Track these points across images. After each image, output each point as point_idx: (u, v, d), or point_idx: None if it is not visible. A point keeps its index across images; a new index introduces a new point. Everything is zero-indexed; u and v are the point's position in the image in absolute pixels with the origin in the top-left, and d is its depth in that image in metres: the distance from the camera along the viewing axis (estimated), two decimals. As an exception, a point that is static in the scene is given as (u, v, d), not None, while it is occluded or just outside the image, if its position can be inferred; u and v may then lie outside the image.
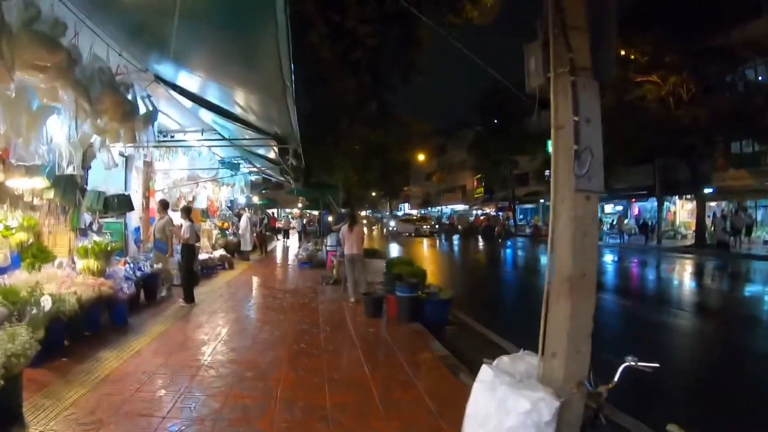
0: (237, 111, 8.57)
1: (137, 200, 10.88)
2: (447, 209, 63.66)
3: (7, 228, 6.45)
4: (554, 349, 2.96)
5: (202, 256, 12.41)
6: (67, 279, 6.27)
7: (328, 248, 14.21)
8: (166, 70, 7.07)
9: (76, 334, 6.05)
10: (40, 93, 4.93)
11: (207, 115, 9.73)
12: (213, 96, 8.17)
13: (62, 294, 5.72)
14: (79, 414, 4.10)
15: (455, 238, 32.51)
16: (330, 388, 4.91)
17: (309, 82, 18.21)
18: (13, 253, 6.60)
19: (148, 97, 7.11)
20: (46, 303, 5.35)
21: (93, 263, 6.93)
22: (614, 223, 34.36)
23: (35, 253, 6.84)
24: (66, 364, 5.28)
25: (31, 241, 6.88)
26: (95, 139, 6.38)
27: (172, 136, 11.01)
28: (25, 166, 6.34)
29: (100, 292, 6.39)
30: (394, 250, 25.50)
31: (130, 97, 6.19)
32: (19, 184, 6.58)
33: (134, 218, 10.82)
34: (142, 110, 6.70)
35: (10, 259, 6.45)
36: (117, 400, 4.43)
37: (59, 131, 5.93)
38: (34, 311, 5.13)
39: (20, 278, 5.88)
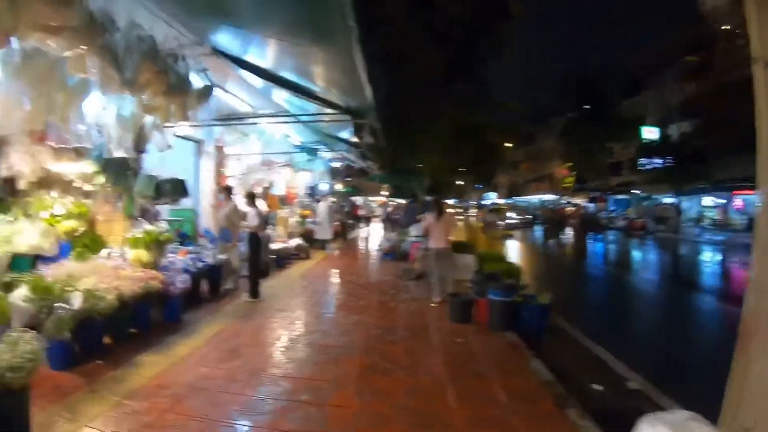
0: (306, 84, 7.78)
1: (207, 186, 10.42)
2: (534, 199, 60.68)
3: (54, 215, 5.97)
4: (749, 421, 1.80)
5: (276, 245, 11.84)
6: (112, 271, 5.70)
7: (412, 239, 13.20)
8: (229, 43, 6.40)
9: (119, 332, 5.56)
10: (69, 63, 4.32)
11: (279, 95, 9.07)
12: (283, 67, 7.42)
13: (98, 290, 5.09)
14: None
15: (544, 229, 30.43)
16: (402, 423, 3.95)
17: (389, 58, 17.07)
18: (63, 241, 6.14)
19: (204, 71, 6.44)
20: (76, 300, 4.74)
21: (143, 254, 6.33)
22: (715, 217, 31.03)
23: (87, 243, 6.35)
24: (99, 368, 4.76)
25: (83, 229, 6.39)
26: (147, 120, 5.79)
27: (243, 119, 10.44)
28: (71, 150, 5.85)
29: (148, 286, 5.76)
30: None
31: (178, 70, 5.50)
32: (65, 168, 6.08)
33: (204, 205, 10.35)
34: (196, 86, 6.01)
35: (58, 248, 5.96)
36: (140, 421, 3.78)
37: (106, 111, 5.37)
38: (63, 308, 4.64)
39: (61, 270, 5.36)
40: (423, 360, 5.48)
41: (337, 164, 19.57)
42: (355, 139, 12.01)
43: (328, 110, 8.68)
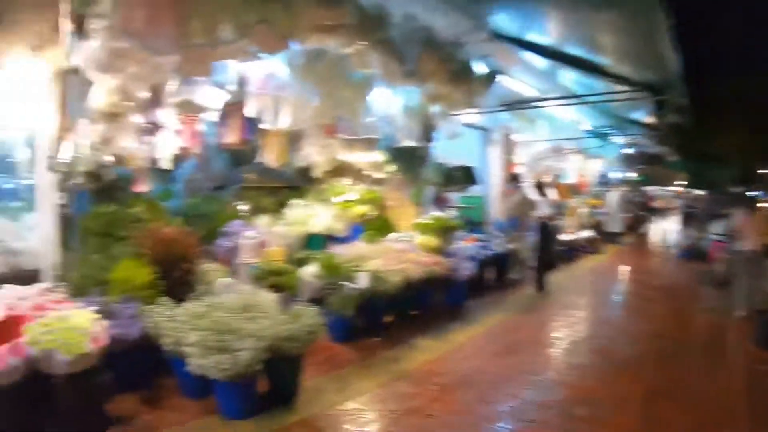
0: (595, 58, 7.00)
1: (495, 174, 10.38)
2: None
3: (346, 201, 6.66)
4: None
5: (565, 236, 11.19)
6: (399, 254, 6.04)
7: (713, 237, 10.97)
8: (507, 24, 6.16)
9: (401, 313, 5.88)
10: (353, 61, 4.67)
11: (566, 76, 8.45)
12: (567, 42, 6.84)
13: (384, 271, 5.42)
14: (352, 413, 3.73)
15: None
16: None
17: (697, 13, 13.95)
18: (354, 225, 6.81)
19: (485, 57, 6.33)
20: (363, 279, 5.11)
21: (430, 240, 6.58)
22: None
23: (378, 227, 6.94)
24: (376, 345, 5.08)
25: (374, 214, 7.00)
26: (433, 109, 6.00)
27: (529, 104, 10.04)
28: (361, 141, 6.41)
29: (433, 271, 5.95)
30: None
31: (460, 58, 5.51)
32: (356, 158, 6.70)
33: (492, 193, 10.35)
34: (479, 73, 5.96)
35: (349, 230, 6.65)
36: (405, 405, 3.86)
37: (392, 103, 5.74)
38: (350, 287, 5.04)
39: (351, 250, 5.92)
40: (719, 395, 4.34)
41: (629, 150, 17.56)
42: (650, 121, 10.50)
43: (621, 88, 7.69)
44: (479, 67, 6.17)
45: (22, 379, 3.14)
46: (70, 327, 3.23)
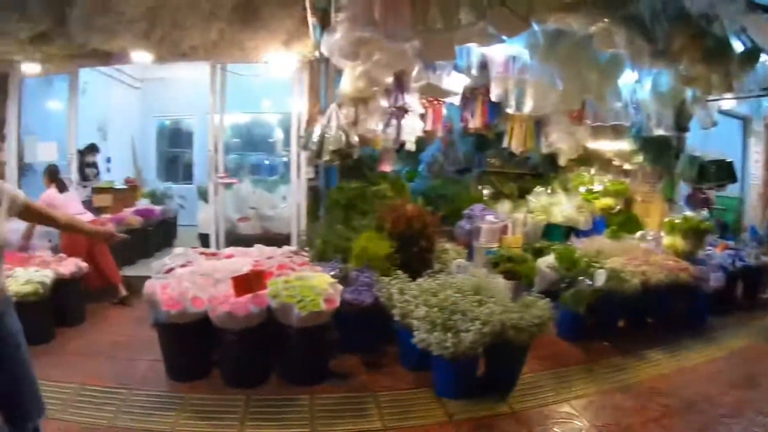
0: None
1: (755, 172, 8.63)
2: None
3: (591, 192, 6.22)
4: None
5: None
6: (642, 255, 5.46)
7: None
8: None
9: (636, 319, 5.36)
10: (596, 39, 4.30)
11: None
12: None
13: (624, 271, 4.94)
14: (563, 417, 3.51)
15: None
16: None
17: None
18: (597, 218, 6.34)
19: (743, 31, 5.23)
20: (600, 277, 4.72)
21: (678, 242, 5.80)
22: None
23: (622, 222, 6.36)
24: (603, 349, 4.71)
25: (619, 208, 6.43)
26: (687, 94, 5.24)
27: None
28: (610, 128, 5.90)
29: (677, 277, 5.22)
30: None
31: (715, 33, 4.67)
32: (603, 146, 6.19)
33: (751, 195, 8.65)
34: (738, 51, 5.00)
35: (592, 223, 6.21)
36: (619, 420, 3.50)
37: (641, 86, 5.16)
38: (586, 283, 4.71)
39: (592, 245, 5.55)
40: None
41: None
42: None
43: None
44: (738, 45, 5.12)
45: (260, 325, 3.71)
46: (309, 286, 3.67)
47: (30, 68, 6.20)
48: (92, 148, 8.01)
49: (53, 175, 5.66)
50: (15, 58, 6.08)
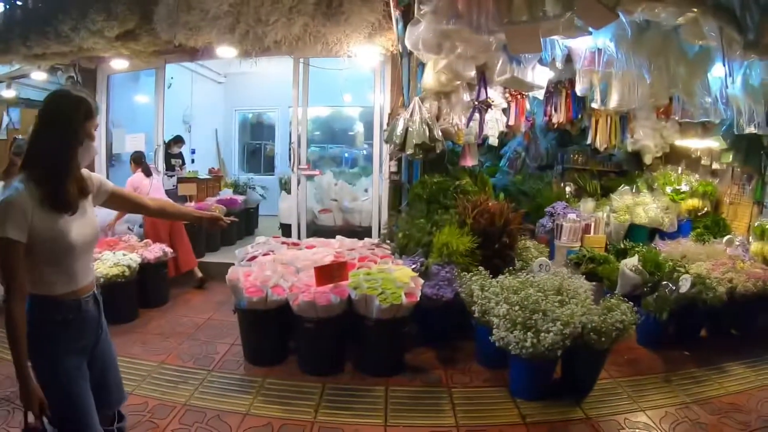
0: None
1: None
2: None
3: (677, 192, 5.94)
4: None
5: None
6: (729, 261, 5.15)
7: None
8: None
9: (720, 328, 5.06)
10: (684, 32, 4.07)
11: None
12: None
13: (710, 278, 4.69)
14: (638, 427, 3.38)
15: None
16: None
17: None
18: (683, 219, 6.08)
19: None
20: (685, 283, 4.50)
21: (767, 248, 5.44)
22: None
23: (708, 224, 6.06)
24: (684, 359, 4.47)
25: (706, 209, 6.12)
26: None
27: None
28: (699, 125, 5.61)
29: (764, 288, 4.87)
30: None
31: None
32: (691, 144, 5.88)
33: None
34: None
35: (677, 225, 5.95)
36: None
37: (732, 80, 4.83)
38: (670, 288, 4.50)
39: (677, 248, 5.38)
40: None
41: None
42: None
43: None
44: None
45: (339, 315, 3.78)
46: (390, 279, 3.69)
47: (118, 64, 6.53)
48: (177, 140, 8.37)
49: (138, 161, 5.96)
50: (103, 55, 6.39)
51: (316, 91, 6.83)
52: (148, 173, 5.94)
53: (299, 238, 6.49)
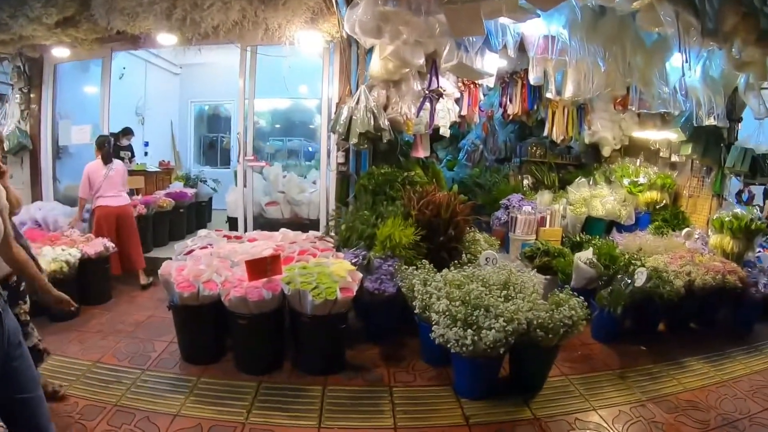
0: None
1: None
2: None
3: (635, 184, 5.81)
4: None
5: None
6: (687, 254, 5.02)
7: None
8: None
9: (677, 322, 4.90)
10: (640, 18, 3.87)
11: None
12: None
13: (666, 271, 4.55)
14: (589, 427, 3.19)
15: None
16: None
17: None
18: (642, 212, 5.96)
19: None
20: (641, 277, 4.33)
21: (727, 242, 5.31)
22: None
23: (667, 217, 5.95)
24: (639, 353, 4.30)
25: (665, 202, 6.00)
26: (741, 81, 4.76)
27: None
28: (657, 116, 5.47)
29: (724, 280, 4.74)
30: None
31: None
32: (650, 136, 5.75)
33: None
34: None
35: (634, 217, 5.83)
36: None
37: (690, 71, 4.69)
38: (626, 281, 4.36)
39: (634, 241, 5.24)
40: None
41: None
42: None
43: None
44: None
45: (274, 311, 3.54)
46: (326, 273, 3.45)
47: (61, 52, 6.22)
48: (126, 132, 7.99)
49: (101, 146, 5.62)
50: (45, 43, 6.09)
51: (271, 82, 6.64)
52: (107, 160, 5.59)
53: (245, 231, 6.23)
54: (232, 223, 6.91)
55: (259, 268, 3.47)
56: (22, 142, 6.11)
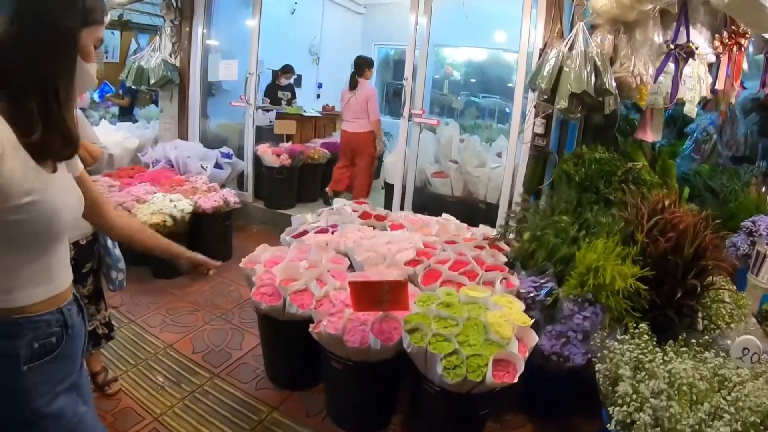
0: None
1: None
2: None
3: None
4: None
5: None
6: None
7: None
8: None
9: None
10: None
11: None
12: None
13: None
14: None
15: None
16: None
17: None
18: None
19: None
20: None
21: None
22: None
23: None
24: None
25: None
26: None
27: None
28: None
29: None
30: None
31: None
32: None
33: None
34: None
35: None
36: None
37: None
38: None
39: None
40: None
41: None
42: None
43: None
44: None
45: (387, 361, 2.43)
46: (479, 324, 2.07)
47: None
48: (286, 70, 7.11)
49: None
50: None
51: (468, 29, 5.91)
52: (351, 85, 5.68)
53: (402, 206, 4.96)
54: (388, 189, 5.50)
55: (372, 296, 2.08)
56: (167, 75, 5.49)
